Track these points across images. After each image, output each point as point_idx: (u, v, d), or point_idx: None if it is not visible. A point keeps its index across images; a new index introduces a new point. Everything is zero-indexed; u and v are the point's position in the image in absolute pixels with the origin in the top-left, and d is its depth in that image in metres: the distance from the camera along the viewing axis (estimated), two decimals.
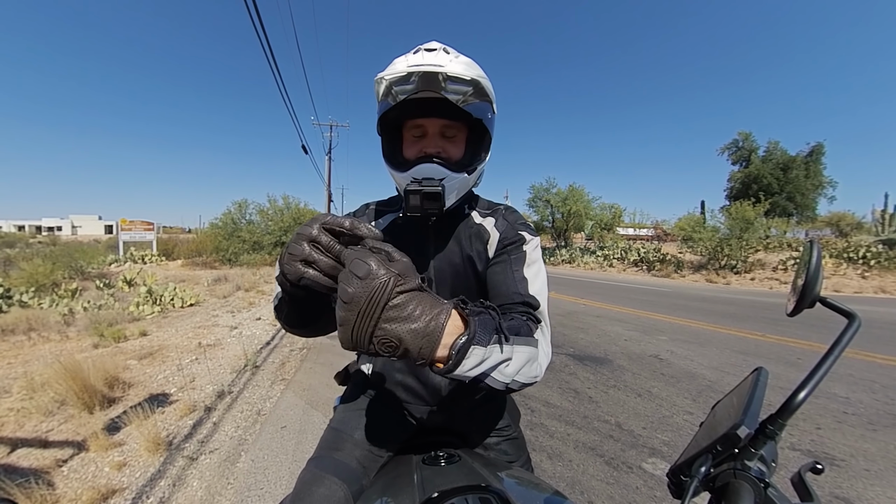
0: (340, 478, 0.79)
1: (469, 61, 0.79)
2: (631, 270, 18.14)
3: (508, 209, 0.95)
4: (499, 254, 0.88)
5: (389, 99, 0.76)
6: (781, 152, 25.32)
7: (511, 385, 0.60)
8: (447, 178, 0.79)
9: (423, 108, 0.79)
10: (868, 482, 2.10)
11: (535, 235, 0.90)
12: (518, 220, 0.92)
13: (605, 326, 5.99)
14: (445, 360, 0.49)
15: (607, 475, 2.17)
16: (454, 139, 0.84)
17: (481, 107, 0.79)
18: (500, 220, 0.92)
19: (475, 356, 0.51)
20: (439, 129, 0.83)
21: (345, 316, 0.44)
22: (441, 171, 0.79)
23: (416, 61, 0.75)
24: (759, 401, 0.51)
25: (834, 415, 2.89)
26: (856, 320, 0.51)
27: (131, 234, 20.71)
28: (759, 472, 0.45)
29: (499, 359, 0.55)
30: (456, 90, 0.75)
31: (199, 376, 3.62)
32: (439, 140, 0.83)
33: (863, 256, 12.69)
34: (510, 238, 0.88)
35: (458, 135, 0.85)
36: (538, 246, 0.90)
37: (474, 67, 0.79)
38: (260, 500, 1.97)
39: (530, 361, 0.62)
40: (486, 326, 0.55)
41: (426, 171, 0.79)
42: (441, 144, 0.83)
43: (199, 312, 6.95)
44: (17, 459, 2.25)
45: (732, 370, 3.88)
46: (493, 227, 0.91)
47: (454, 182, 0.81)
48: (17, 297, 7.59)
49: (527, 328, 0.69)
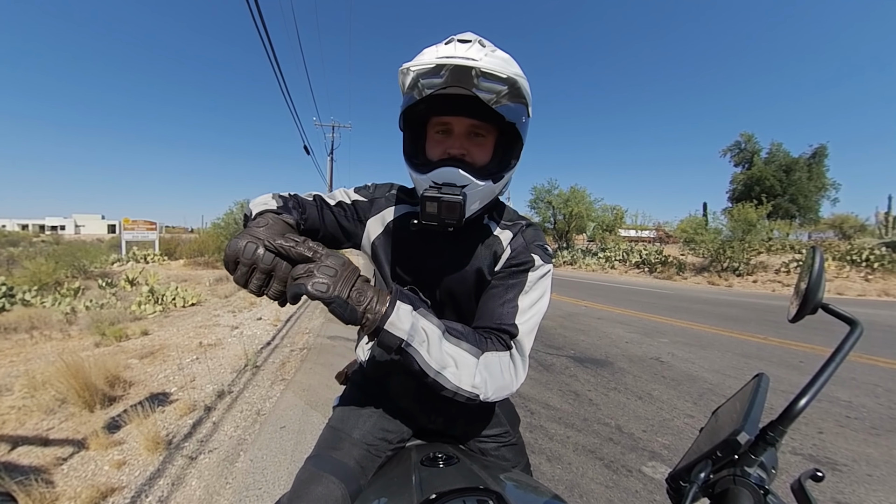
0: (338, 477, 0.78)
1: (507, 57, 0.73)
2: (633, 272, 18.10)
3: (531, 226, 0.88)
4: (501, 273, 0.83)
5: (415, 93, 0.70)
6: (784, 154, 25.26)
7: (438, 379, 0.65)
8: (470, 185, 0.73)
9: (451, 105, 0.72)
10: (871, 487, 2.08)
11: (548, 262, 0.83)
12: (536, 240, 0.85)
13: (606, 328, 5.98)
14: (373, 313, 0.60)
15: (607, 478, 2.16)
16: (482, 142, 0.77)
17: (515, 109, 0.72)
18: (517, 236, 0.86)
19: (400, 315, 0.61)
20: (467, 128, 0.76)
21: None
22: (464, 178, 0.72)
23: (447, 53, 0.69)
24: (759, 407, 0.50)
25: (836, 419, 2.87)
26: (858, 327, 0.51)
27: (134, 234, 20.77)
28: (758, 479, 0.45)
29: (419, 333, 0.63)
30: (489, 88, 0.68)
31: (200, 376, 3.62)
32: (466, 141, 0.76)
33: (866, 259, 12.63)
34: (519, 259, 0.82)
35: (487, 137, 0.77)
36: (548, 273, 0.83)
37: (512, 65, 0.72)
38: (258, 499, 1.97)
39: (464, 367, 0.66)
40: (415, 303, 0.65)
41: (447, 176, 0.72)
42: (467, 146, 0.76)
43: (200, 312, 6.97)
44: (18, 457, 2.25)
45: (734, 373, 3.86)
46: (508, 244, 0.85)
47: (477, 190, 0.74)
48: (20, 295, 7.63)
49: (483, 342, 0.71)
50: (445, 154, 0.76)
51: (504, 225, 0.88)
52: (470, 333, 0.71)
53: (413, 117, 0.79)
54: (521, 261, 0.82)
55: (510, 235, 0.86)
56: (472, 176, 0.73)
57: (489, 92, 0.68)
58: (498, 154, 0.79)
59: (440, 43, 0.75)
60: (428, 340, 0.63)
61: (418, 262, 0.88)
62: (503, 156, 0.79)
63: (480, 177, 0.74)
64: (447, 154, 0.76)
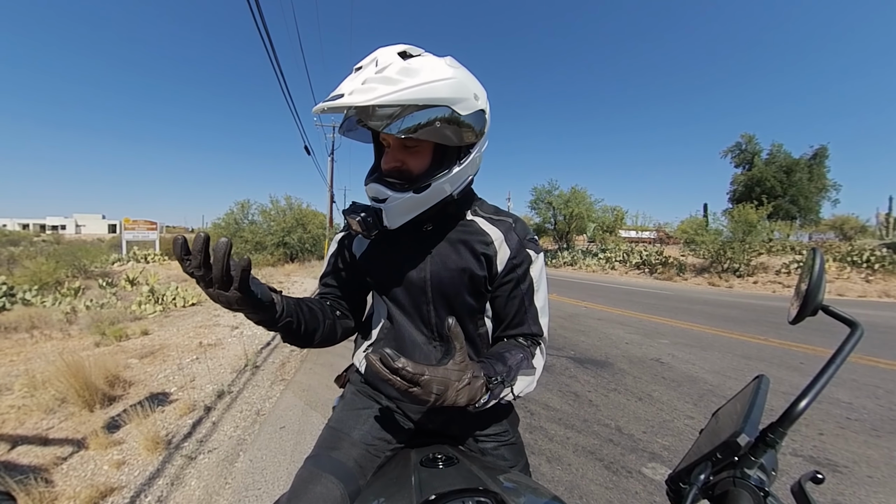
0: (337, 477, 0.79)
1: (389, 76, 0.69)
2: (633, 273, 18.10)
3: (518, 221, 0.93)
4: (507, 275, 0.89)
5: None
6: (785, 155, 25.19)
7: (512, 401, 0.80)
8: (389, 198, 0.78)
9: None
10: (871, 489, 2.08)
11: (540, 251, 0.93)
12: (527, 234, 0.91)
13: (606, 329, 5.97)
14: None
15: (606, 479, 2.16)
16: (416, 151, 0.80)
17: (419, 118, 0.71)
18: (510, 234, 0.90)
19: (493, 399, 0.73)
20: (398, 142, 0.79)
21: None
22: (383, 192, 0.79)
23: (334, 93, 0.71)
24: (759, 409, 0.50)
25: (837, 420, 2.86)
26: (858, 329, 0.50)
27: (134, 234, 20.79)
28: (758, 481, 0.45)
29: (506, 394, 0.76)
30: (381, 116, 0.70)
31: (200, 376, 3.62)
32: (400, 153, 0.80)
33: (867, 260, 12.61)
34: (520, 258, 0.89)
35: (420, 145, 0.79)
36: (542, 260, 0.93)
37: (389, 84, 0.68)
38: (257, 499, 1.97)
39: (528, 385, 0.82)
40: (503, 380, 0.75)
41: (372, 191, 0.81)
42: (402, 157, 0.80)
43: (200, 312, 6.97)
44: (17, 456, 2.25)
45: (734, 374, 3.86)
46: (504, 243, 0.89)
47: (397, 202, 0.79)
48: (21, 295, 7.63)
49: (528, 361, 0.83)
50: (384, 166, 0.82)
51: (491, 220, 0.92)
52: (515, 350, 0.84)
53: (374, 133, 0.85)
54: (522, 259, 0.89)
55: (501, 235, 0.89)
56: (392, 189, 0.79)
57: (381, 119, 0.70)
58: (436, 159, 0.81)
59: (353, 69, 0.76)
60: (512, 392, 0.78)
61: (405, 267, 0.91)
62: (441, 161, 0.81)
63: (400, 189, 0.79)
64: (384, 167, 0.82)
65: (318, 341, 0.89)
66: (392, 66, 0.71)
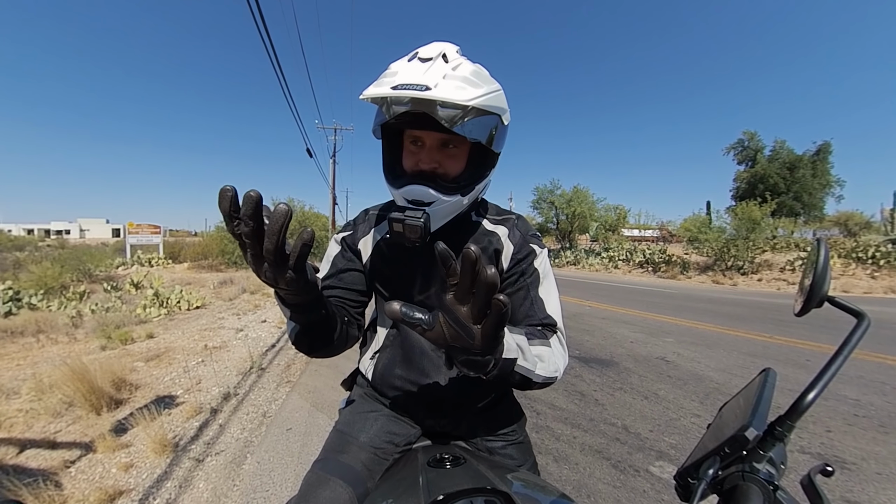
0: (345, 480, 0.78)
1: (470, 73, 0.71)
2: (636, 272, 18.03)
3: (520, 218, 0.94)
4: (512, 269, 0.88)
5: (384, 109, 0.69)
6: (788, 151, 25.05)
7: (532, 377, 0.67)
8: (437, 201, 0.74)
9: (420, 121, 0.70)
10: (879, 486, 2.06)
11: (543, 246, 0.92)
12: (529, 230, 0.92)
13: (610, 328, 5.95)
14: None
15: (614, 478, 2.16)
16: (454, 153, 0.78)
17: (479, 124, 0.71)
18: (513, 230, 0.91)
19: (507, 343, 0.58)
20: (437, 142, 0.77)
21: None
22: (431, 195, 0.74)
23: (404, 80, 0.67)
24: (767, 402, 0.50)
25: (844, 417, 2.84)
26: (865, 320, 0.50)
27: (138, 238, 20.87)
28: (767, 475, 0.44)
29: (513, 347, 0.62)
30: (448, 114, 0.67)
31: (205, 378, 3.64)
32: (437, 153, 0.77)
33: (872, 256, 12.51)
34: (523, 253, 0.88)
35: (459, 148, 0.78)
36: (546, 255, 0.91)
37: (474, 86, 0.69)
38: (265, 501, 1.98)
39: (549, 360, 0.73)
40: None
41: (415, 193, 0.74)
42: (439, 158, 0.77)
43: (205, 315, 7.00)
44: (26, 460, 2.27)
45: (740, 372, 3.84)
46: (507, 239, 0.89)
47: (444, 206, 0.75)
48: (27, 299, 7.68)
49: (542, 333, 0.80)
50: (417, 167, 0.78)
51: (494, 220, 0.93)
52: (529, 330, 0.79)
53: (390, 127, 0.79)
54: (525, 254, 0.89)
55: (506, 231, 0.91)
56: (441, 192, 0.74)
57: (448, 116, 0.67)
58: (472, 164, 0.80)
59: (404, 57, 0.74)
60: (522, 351, 0.63)
61: (414, 271, 0.90)
62: (477, 166, 0.80)
63: (449, 192, 0.75)
64: (418, 167, 0.77)
65: (336, 344, 0.82)
66: (464, 66, 0.72)
